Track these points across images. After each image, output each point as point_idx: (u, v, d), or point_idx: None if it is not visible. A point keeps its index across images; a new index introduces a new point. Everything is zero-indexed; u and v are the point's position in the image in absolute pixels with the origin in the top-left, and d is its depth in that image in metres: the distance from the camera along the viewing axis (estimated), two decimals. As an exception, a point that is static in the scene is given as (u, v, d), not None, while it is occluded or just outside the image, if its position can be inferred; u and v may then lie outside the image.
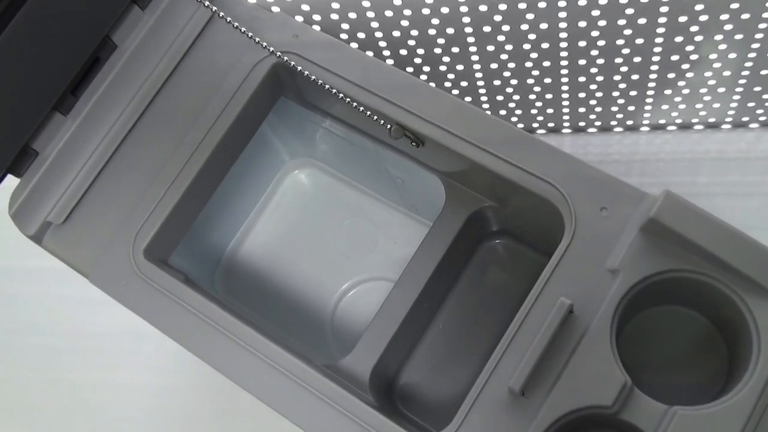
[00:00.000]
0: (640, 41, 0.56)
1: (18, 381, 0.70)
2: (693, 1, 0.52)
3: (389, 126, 0.49)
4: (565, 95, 0.65)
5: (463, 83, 0.64)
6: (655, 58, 0.59)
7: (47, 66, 0.50)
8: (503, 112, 0.68)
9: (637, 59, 0.59)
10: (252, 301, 0.63)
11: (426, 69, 0.63)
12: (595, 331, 0.42)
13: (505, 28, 0.56)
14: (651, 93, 0.64)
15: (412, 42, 0.59)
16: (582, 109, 0.67)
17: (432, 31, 0.58)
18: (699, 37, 0.56)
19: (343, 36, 0.59)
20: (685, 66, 0.59)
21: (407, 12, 0.55)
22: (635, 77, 0.61)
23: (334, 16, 0.57)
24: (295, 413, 0.45)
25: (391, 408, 0.54)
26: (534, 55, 0.59)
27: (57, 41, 0.49)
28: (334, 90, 0.50)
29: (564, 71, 0.61)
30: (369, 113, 0.49)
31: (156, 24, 0.53)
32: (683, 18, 0.54)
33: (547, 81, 0.63)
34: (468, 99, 0.67)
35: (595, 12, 0.54)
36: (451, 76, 0.64)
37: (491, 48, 0.59)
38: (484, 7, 0.54)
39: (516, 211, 0.52)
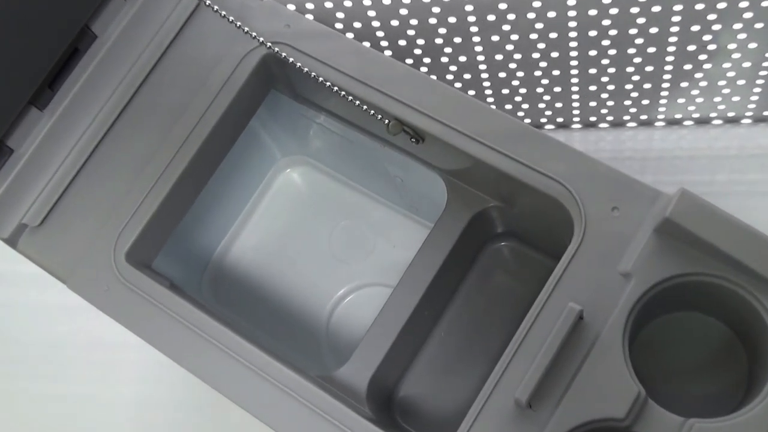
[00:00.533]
0: (654, 30, 0.57)
1: (-9, 394, 0.71)
2: (710, -12, 0.53)
3: (387, 121, 0.49)
4: (575, 88, 0.65)
5: (466, 76, 0.65)
6: (671, 48, 0.59)
7: (22, 58, 0.50)
8: (509, 106, 0.69)
9: (652, 50, 0.59)
10: (242, 309, 0.63)
11: (426, 60, 0.63)
12: (607, 339, 0.42)
13: (511, 16, 0.57)
14: (666, 86, 0.64)
15: (411, 32, 0.60)
16: (593, 103, 0.67)
17: (433, 20, 0.58)
18: (717, 26, 0.56)
19: (338, 25, 0.60)
20: (703, 57, 0.60)
21: (406, 0, 0.56)
22: (649, 69, 0.62)
23: (328, 4, 0.57)
24: (288, 427, 0.45)
25: (390, 421, 0.54)
26: (541, 46, 0.60)
27: (33, 31, 0.49)
28: (328, 83, 0.50)
29: (573, 62, 0.61)
30: (366, 107, 0.50)
31: (138, 13, 0.53)
32: (700, 6, 0.54)
33: (556, 73, 0.63)
34: (471, 92, 0.67)
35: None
36: (453, 68, 0.64)
37: (496, 38, 0.59)
38: (488, -5, 0.54)
39: (522, 212, 0.52)
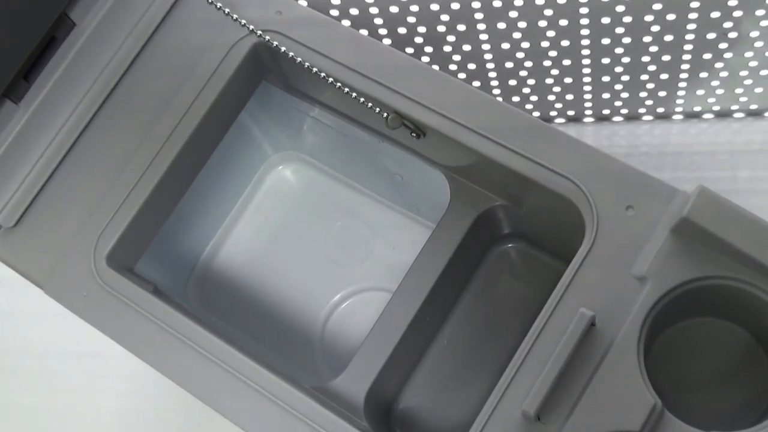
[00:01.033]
0: (671, 17, 0.57)
1: (-37, 407, 0.71)
2: (731, -28, 0.53)
3: (386, 114, 0.49)
4: (587, 79, 0.65)
5: (471, 66, 0.65)
6: (689, 36, 0.59)
7: (-4, 47, 0.50)
8: (516, 98, 0.69)
9: (669, 38, 0.59)
10: (230, 315, 0.63)
11: (428, 50, 0.63)
12: (621, 347, 0.42)
13: (518, 2, 0.57)
14: (684, 76, 0.64)
15: (412, 19, 0.60)
16: (606, 95, 0.67)
17: (435, 6, 0.58)
18: (738, 12, 0.56)
19: (334, 12, 0.60)
20: (723, 45, 0.60)
21: (406, -15, 0.56)
22: (666, 58, 0.62)
23: (323, -11, 0.57)
24: (280, 441, 0.45)
25: (390, 436, 0.54)
26: (551, 34, 0.60)
27: (7, 19, 0.49)
28: (323, 74, 0.50)
29: (585, 52, 0.61)
30: (363, 100, 0.50)
31: (120, -1, 0.53)
32: (720, -9, 0.54)
33: (566, 63, 0.63)
34: (476, 84, 0.67)
35: (620, -16, 0.54)
36: (457, 57, 0.64)
37: (502, 25, 0.59)
38: (493, -21, 0.55)
39: (530, 211, 0.52)
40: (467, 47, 0.62)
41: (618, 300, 0.43)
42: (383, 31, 0.62)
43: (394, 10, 0.59)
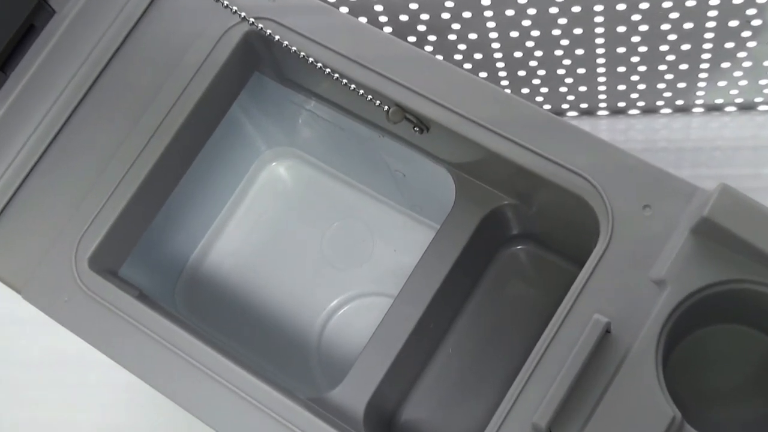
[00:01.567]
0: (691, 3, 0.57)
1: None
2: (755, -45, 0.53)
3: (387, 107, 0.49)
4: (601, 69, 0.65)
5: (477, 56, 0.65)
6: (710, 23, 0.59)
7: (-29, 36, 0.50)
8: (526, 90, 0.69)
9: (688, 25, 0.59)
10: (221, 322, 0.63)
11: (431, 38, 0.63)
12: (638, 355, 0.42)
13: (528, -12, 0.57)
14: (705, 66, 0.64)
15: (414, 5, 0.60)
16: (622, 87, 0.67)
17: (438, -8, 0.58)
18: (763, -1, 0.56)
19: (331, -2, 0.60)
20: (746, 34, 0.60)
21: (408, -31, 0.56)
22: (686, 47, 0.62)
23: (319, -26, 0.57)
24: (275, 457, 0.45)
25: (391, 450, 0.54)
26: (563, 21, 0.60)
27: (-18, 6, 0.50)
28: (319, 64, 0.50)
29: (599, 40, 0.61)
30: (362, 92, 0.50)
31: (103, -16, 0.54)
32: (743, -25, 0.54)
33: (579, 52, 0.63)
34: (483, 75, 0.67)
35: (637, -32, 0.54)
36: (462, 46, 0.64)
37: (511, 12, 0.59)
38: (501, -37, 0.55)
39: (541, 211, 0.52)
40: (473, 36, 0.62)
41: (635, 305, 0.43)
42: (384, 19, 0.62)
43: (395, -4, 0.59)
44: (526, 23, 0.60)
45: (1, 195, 0.52)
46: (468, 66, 0.66)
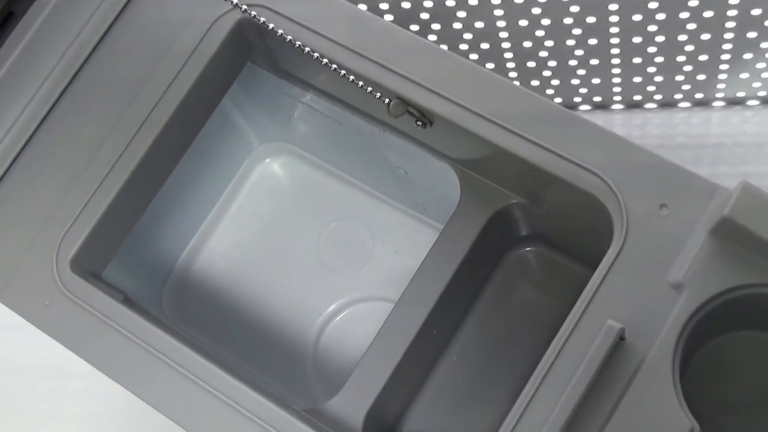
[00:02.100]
0: (711, -10, 0.57)
1: None
2: (779, -61, 0.53)
3: (388, 100, 0.49)
4: (616, 60, 0.65)
5: (484, 45, 0.65)
6: (731, 12, 0.59)
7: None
8: (535, 82, 0.69)
9: (708, 14, 0.59)
10: (211, 328, 0.63)
11: (435, 27, 0.63)
12: (654, 364, 0.43)
13: (538, -27, 0.57)
14: (726, 57, 0.64)
15: (417, -8, 0.60)
16: (637, 79, 0.67)
17: (443, -22, 0.58)
18: (787, -14, 0.56)
19: (328, -16, 0.60)
20: (770, 22, 0.60)
21: (411, -47, 0.56)
22: (706, 37, 0.62)
23: (316, -42, 0.57)
24: (268, 471, 0.45)
25: (391, 465, 0.54)
26: (575, 9, 0.60)
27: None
28: (316, 54, 0.50)
29: (613, 29, 0.62)
30: (361, 84, 0.50)
31: (86, -31, 0.54)
32: (767, -40, 0.54)
33: (592, 42, 0.63)
34: (490, 66, 0.67)
35: (654, -47, 0.54)
36: (468, 35, 0.64)
37: (520, 0, 0.59)
38: (509, -53, 0.55)
39: (551, 210, 0.52)
40: (480, 24, 0.62)
41: (650, 311, 0.43)
42: (384, 6, 0.62)
43: (396, -18, 0.59)
44: (536, 11, 0.60)
45: (-22, 193, 0.52)
46: (474, 56, 0.66)
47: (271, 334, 0.62)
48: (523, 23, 0.62)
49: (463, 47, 0.65)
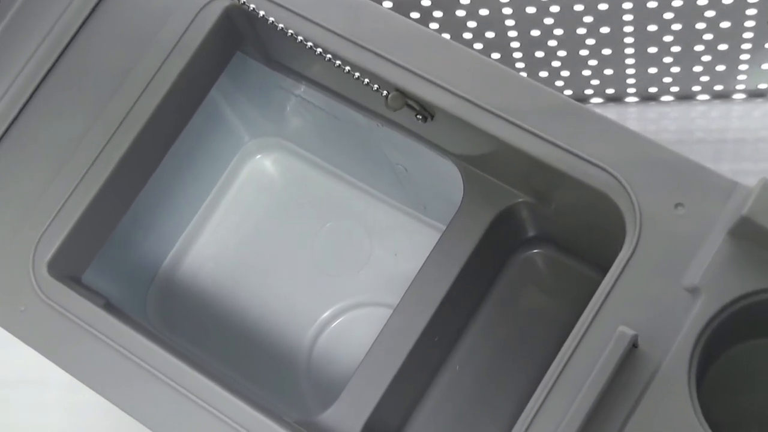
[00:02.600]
0: (731, -24, 0.57)
1: None
2: None
3: (386, 92, 0.50)
4: (629, 50, 0.65)
5: (489, 34, 0.65)
6: (753, -2, 0.59)
7: None
8: (544, 73, 0.69)
9: (728, 0, 0.59)
10: (198, 336, 0.63)
11: (437, 14, 0.64)
12: (669, 373, 0.43)
13: (546, -43, 0.57)
14: (747, 47, 0.64)
15: (417, -23, 0.60)
16: (653, 69, 0.67)
17: (445, -37, 0.58)
18: (812, -30, 0.56)
19: (323, -31, 0.60)
20: (794, 10, 0.60)
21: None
22: (725, 25, 0.62)
23: (310, -59, 0.57)
24: (259, 487, 0.45)
25: (390, 480, 0.54)
26: (586, -5, 0.60)
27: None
28: (309, 43, 0.50)
29: (627, 17, 0.62)
30: (358, 75, 0.50)
31: (65, -47, 0.54)
32: (790, -57, 0.54)
33: (605, 30, 0.63)
34: (495, 56, 0.67)
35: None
36: (472, 23, 0.64)
37: (527, -15, 0.60)
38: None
39: (560, 210, 0.52)
40: (484, 11, 0.62)
41: (665, 316, 0.43)
42: (383, -8, 0.62)
43: (396, -34, 0.59)
44: (544, -3, 0.60)
45: (-51, 191, 0.52)
46: (479, 46, 0.66)
47: (262, 341, 0.62)
48: (531, 10, 0.62)
49: (467, 36, 0.65)
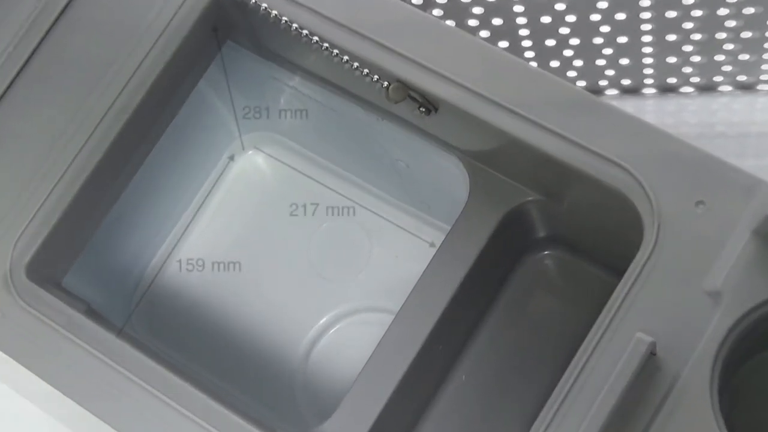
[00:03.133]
0: (755, -42, 0.57)
1: None
2: None
3: (386, 84, 0.50)
4: (647, 38, 0.65)
5: (496, 21, 0.65)
6: (778, -18, 0.59)
7: None
8: (555, 63, 0.69)
9: (753, -16, 0.60)
10: (186, 343, 0.63)
11: (440, 0, 0.64)
12: (689, 383, 0.43)
13: (557, -61, 0.57)
14: (773, 35, 0.64)
15: (420, -40, 0.60)
16: (672, 59, 0.67)
17: (449, -55, 0.58)
18: (842, -48, 0.56)
19: (319, -48, 0.60)
20: (823, -6, 0.60)
21: None
22: (750, 11, 0.62)
23: None
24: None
25: (391, 498, 0.54)
26: (600, -21, 0.60)
27: None
28: (305, 32, 0.50)
29: (645, 2, 0.62)
30: (356, 66, 0.50)
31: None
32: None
33: (620, 17, 0.63)
34: (503, 44, 0.67)
35: None
36: (478, 10, 0.64)
37: (537, -31, 0.60)
38: None
39: (572, 209, 0.52)
40: (492, -3, 0.63)
41: (685, 322, 0.43)
42: (383, -23, 0.62)
43: (397, -51, 0.59)
44: (555, -19, 0.61)
45: None
46: (485, 34, 0.66)
47: (255, 349, 0.62)
48: (541, -5, 0.62)
49: (473, 23, 0.65)
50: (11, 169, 0.52)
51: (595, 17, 0.63)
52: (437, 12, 0.64)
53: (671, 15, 0.62)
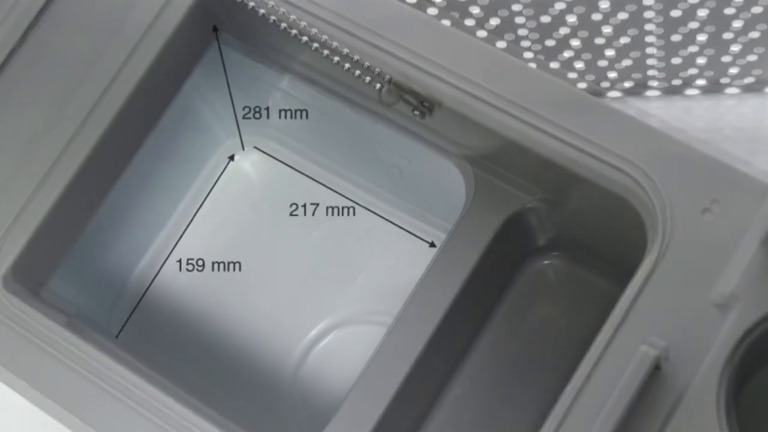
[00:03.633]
0: (764, -47, 0.57)
1: None
2: None
3: (379, 86, 0.49)
4: (651, 38, 0.65)
5: (494, 20, 0.65)
6: (788, -20, 0.59)
7: None
8: (556, 64, 0.69)
9: (762, -20, 0.59)
10: (172, 354, 0.63)
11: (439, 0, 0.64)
12: (697, 396, 0.42)
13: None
14: (785, 33, 0.64)
15: (416, -43, 0.60)
16: (677, 60, 0.67)
17: (446, -60, 0.58)
18: None
19: (311, -52, 0.60)
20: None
21: None
22: (758, 10, 0.62)
23: None
24: None
25: None
26: (603, -24, 0.60)
27: None
28: (294, 31, 0.50)
29: (648, 1, 0.61)
30: (348, 66, 0.50)
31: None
32: None
33: (623, 17, 0.63)
34: (501, 44, 0.67)
35: None
36: (475, 9, 0.64)
37: (537, -35, 0.59)
38: None
39: (575, 215, 0.52)
40: (490, -5, 0.62)
41: (693, 333, 0.43)
42: (378, -27, 0.62)
43: (392, -56, 0.59)
44: (556, -21, 0.60)
45: None
46: (482, 33, 0.66)
47: (244, 359, 0.62)
48: (542, -7, 0.62)
49: (470, 23, 0.65)
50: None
51: (597, 16, 0.63)
52: (433, 11, 0.64)
53: (676, 14, 0.62)
